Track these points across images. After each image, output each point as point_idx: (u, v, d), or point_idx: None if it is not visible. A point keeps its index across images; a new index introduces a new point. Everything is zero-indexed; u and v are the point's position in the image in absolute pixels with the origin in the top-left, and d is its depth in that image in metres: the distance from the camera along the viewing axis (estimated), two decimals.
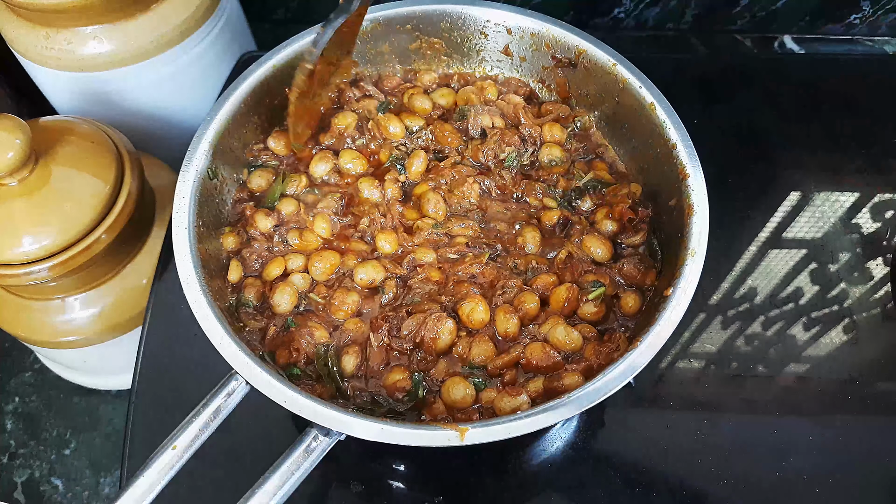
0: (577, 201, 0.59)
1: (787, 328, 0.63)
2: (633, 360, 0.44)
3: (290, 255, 0.55)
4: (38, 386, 0.79)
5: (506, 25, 0.61)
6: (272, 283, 0.54)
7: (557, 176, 0.60)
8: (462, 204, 0.59)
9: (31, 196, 0.58)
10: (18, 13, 0.67)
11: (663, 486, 0.54)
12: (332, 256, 0.55)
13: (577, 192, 0.59)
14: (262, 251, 0.56)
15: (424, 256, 0.55)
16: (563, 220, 0.58)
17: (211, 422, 0.43)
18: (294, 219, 0.57)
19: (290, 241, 0.56)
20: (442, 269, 0.55)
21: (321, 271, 0.55)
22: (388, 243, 0.56)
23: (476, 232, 0.57)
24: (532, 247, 0.56)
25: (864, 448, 0.56)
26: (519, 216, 0.58)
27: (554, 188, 0.59)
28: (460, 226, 0.57)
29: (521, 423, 0.41)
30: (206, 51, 0.73)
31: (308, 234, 0.57)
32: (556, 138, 0.61)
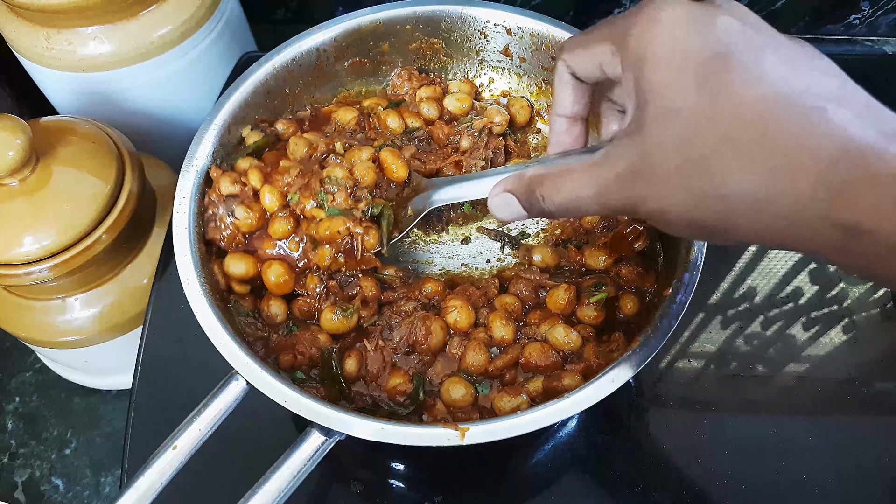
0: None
1: (787, 328, 0.63)
2: (632, 359, 0.44)
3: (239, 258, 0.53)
4: (38, 386, 0.79)
5: (505, 26, 0.61)
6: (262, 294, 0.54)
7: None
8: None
9: (32, 196, 0.58)
10: (19, 13, 0.67)
11: (663, 486, 0.54)
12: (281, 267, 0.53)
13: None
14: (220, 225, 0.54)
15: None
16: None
17: (211, 422, 0.43)
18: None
19: (237, 214, 0.52)
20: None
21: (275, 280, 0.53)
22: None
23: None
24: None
25: (864, 448, 0.56)
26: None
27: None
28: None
29: (520, 423, 0.42)
30: (207, 51, 0.73)
31: (255, 206, 0.54)
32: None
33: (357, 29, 0.61)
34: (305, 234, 0.52)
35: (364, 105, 0.62)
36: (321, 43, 0.60)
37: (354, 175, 0.53)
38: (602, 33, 0.38)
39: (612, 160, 0.35)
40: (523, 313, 0.54)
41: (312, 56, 0.60)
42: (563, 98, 0.44)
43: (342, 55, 0.62)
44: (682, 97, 0.32)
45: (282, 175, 0.52)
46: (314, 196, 0.51)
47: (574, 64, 0.41)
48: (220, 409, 0.43)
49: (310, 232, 0.51)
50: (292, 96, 0.61)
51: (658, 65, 0.33)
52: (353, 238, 0.51)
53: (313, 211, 0.51)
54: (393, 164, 0.54)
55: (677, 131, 0.32)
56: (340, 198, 0.51)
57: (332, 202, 0.51)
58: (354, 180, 0.52)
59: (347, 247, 0.51)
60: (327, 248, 0.51)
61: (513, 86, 0.65)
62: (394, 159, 0.54)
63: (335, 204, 0.51)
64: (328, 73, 0.63)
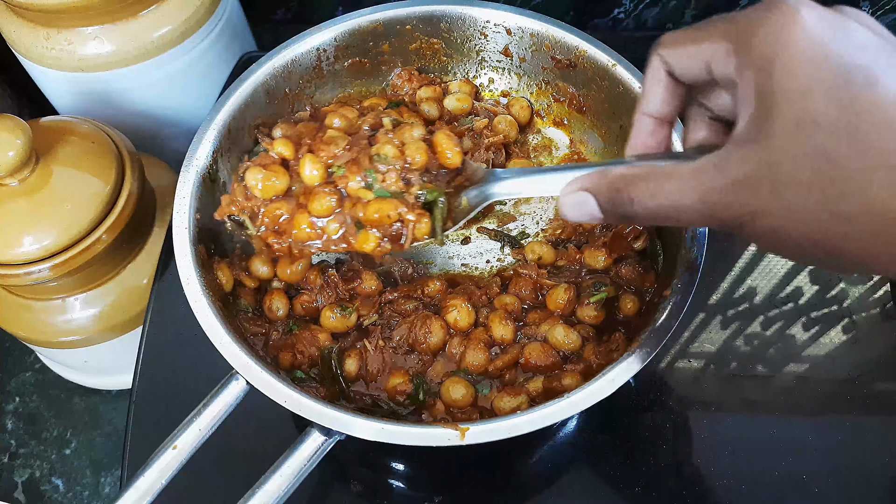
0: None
1: (787, 328, 0.63)
2: (632, 359, 0.44)
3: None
4: (38, 386, 0.79)
5: (505, 26, 0.61)
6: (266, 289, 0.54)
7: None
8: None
9: (32, 196, 0.58)
10: (19, 13, 0.67)
11: (663, 486, 0.54)
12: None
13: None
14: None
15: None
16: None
17: (211, 422, 0.43)
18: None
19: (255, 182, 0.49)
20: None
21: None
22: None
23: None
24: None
25: (863, 447, 0.56)
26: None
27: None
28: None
29: (520, 423, 0.42)
30: (207, 51, 0.73)
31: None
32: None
33: (357, 29, 0.61)
34: (349, 214, 0.47)
35: (364, 105, 0.62)
36: (321, 43, 0.60)
37: (406, 155, 0.47)
38: (716, 29, 0.35)
39: (725, 167, 0.32)
40: (523, 313, 0.54)
41: (312, 56, 0.60)
42: (654, 97, 0.40)
43: (342, 55, 0.62)
44: (821, 107, 0.29)
45: (327, 145, 0.47)
46: (362, 173, 0.46)
47: (674, 60, 0.38)
48: (220, 409, 0.43)
49: (354, 213, 0.46)
50: (292, 96, 0.61)
51: (794, 70, 0.30)
52: (405, 224, 0.46)
53: (359, 191, 0.46)
54: (448, 148, 0.48)
55: (815, 144, 0.29)
56: (391, 179, 0.46)
57: (383, 182, 0.46)
58: (405, 160, 0.47)
59: (395, 233, 0.46)
60: (373, 232, 0.46)
61: (513, 86, 0.65)
62: (449, 143, 0.48)
63: (385, 185, 0.46)
64: (328, 74, 0.63)
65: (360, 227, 0.47)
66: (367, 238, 0.46)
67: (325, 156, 0.47)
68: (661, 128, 0.42)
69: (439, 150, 0.48)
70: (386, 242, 0.46)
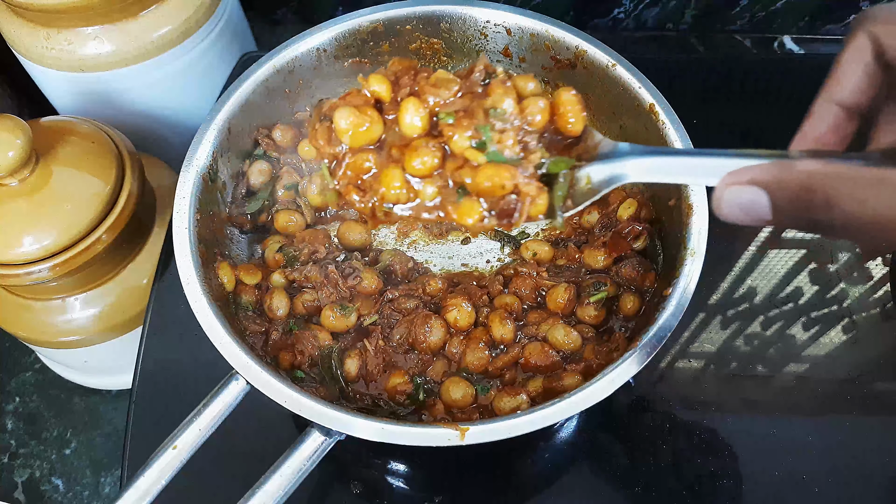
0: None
1: (787, 328, 0.63)
2: (632, 359, 0.44)
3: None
4: (38, 386, 0.79)
5: (505, 26, 0.61)
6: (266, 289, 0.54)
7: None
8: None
9: (32, 196, 0.58)
10: (19, 13, 0.67)
11: (663, 486, 0.54)
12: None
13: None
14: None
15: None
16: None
17: (211, 422, 0.43)
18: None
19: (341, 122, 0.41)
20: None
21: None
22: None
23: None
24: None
25: (863, 447, 0.56)
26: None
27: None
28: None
29: (520, 423, 0.42)
30: (207, 51, 0.73)
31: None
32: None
33: (357, 29, 0.61)
34: (451, 177, 0.39)
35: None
36: (321, 43, 0.60)
37: (527, 113, 0.39)
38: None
39: None
40: (523, 313, 0.54)
41: (312, 56, 0.60)
42: (851, 82, 0.33)
43: (342, 55, 0.62)
44: None
45: (436, 88, 0.39)
46: (475, 129, 0.38)
47: (892, 40, 0.31)
48: (220, 409, 0.43)
49: (460, 177, 0.38)
50: (292, 96, 0.61)
51: None
52: (520, 198, 0.38)
53: (468, 151, 0.38)
54: (572, 110, 0.39)
55: None
56: (509, 140, 0.38)
57: (499, 143, 0.38)
58: (526, 119, 0.39)
59: (505, 207, 0.38)
60: (480, 202, 0.38)
61: None
62: (574, 104, 0.39)
63: (502, 147, 0.38)
64: (328, 73, 0.63)
65: (464, 195, 0.39)
66: (471, 209, 0.39)
67: (432, 101, 0.39)
68: (849, 121, 0.35)
69: (561, 111, 0.40)
70: (492, 217, 0.39)
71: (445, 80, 0.39)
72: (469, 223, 0.39)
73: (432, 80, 0.40)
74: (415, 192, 0.39)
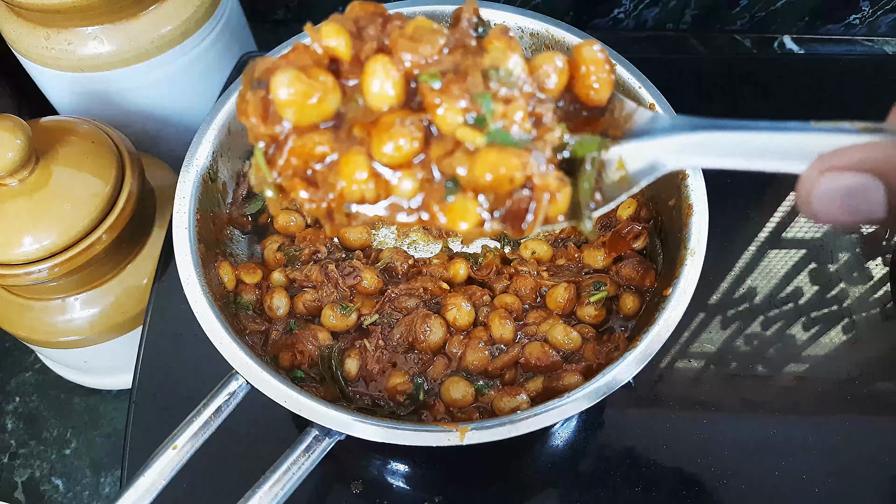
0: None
1: (787, 328, 0.63)
2: (632, 359, 0.44)
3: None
4: (38, 386, 0.79)
5: (504, 25, 0.61)
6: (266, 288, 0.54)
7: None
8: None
9: (32, 196, 0.58)
10: (19, 13, 0.67)
11: (663, 486, 0.54)
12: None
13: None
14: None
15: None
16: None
17: (211, 422, 0.43)
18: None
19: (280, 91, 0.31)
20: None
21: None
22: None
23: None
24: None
25: (863, 448, 0.56)
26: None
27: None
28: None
29: (520, 423, 0.42)
30: (207, 51, 0.73)
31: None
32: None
33: None
34: (438, 166, 0.28)
35: None
36: None
37: (539, 74, 0.29)
38: None
39: None
40: (523, 313, 0.54)
41: None
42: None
43: None
44: None
45: (414, 43, 0.28)
46: (470, 97, 0.27)
47: None
48: (220, 408, 0.43)
49: (449, 166, 0.28)
50: None
51: None
52: (535, 194, 0.28)
53: (462, 129, 0.27)
54: (596, 72, 0.30)
55: None
56: (517, 113, 0.28)
57: (503, 118, 0.28)
58: (539, 84, 0.29)
59: (514, 207, 0.28)
60: (478, 200, 0.28)
61: None
62: (600, 64, 0.30)
63: (508, 123, 0.28)
64: None
65: (456, 190, 0.28)
66: (466, 210, 0.28)
67: (409, 60, 0.28)
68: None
69: (580, 73, 0.30)
70: (495, 220, 0.28)
71: (427, 31, 0.29)
72: (464, 229, 0.28)
73: (409, 29, 0.29)
74: (387, 186, 0.29)
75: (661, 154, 0.30)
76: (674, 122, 0.29)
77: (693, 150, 0.28)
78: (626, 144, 0.30)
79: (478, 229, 0.28)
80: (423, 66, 0.28)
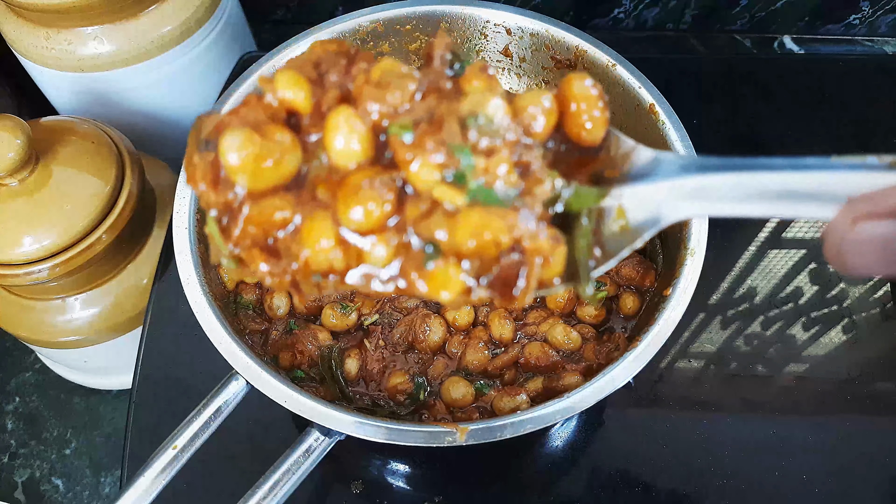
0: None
1: (787, 328, 0.63)
2: (632, 359, 0.44)
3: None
4: (38, 386, 0.79)
5: (505, 26, 0.61)
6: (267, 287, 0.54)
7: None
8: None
9: (32, 196, 0.58)
10: (19, 13, 0.67)
11: (663, 486, 0.54)
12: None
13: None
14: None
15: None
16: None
17: (211, 422, 0.43)
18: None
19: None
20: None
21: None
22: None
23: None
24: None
25: (863, 448, 0.56)
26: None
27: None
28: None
29: (520, 423, 0.41)
30: (207, 51, 0.72)
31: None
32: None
33: (357, 29, 0.61)
34: (415, 230, 0.25)
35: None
36: None
37: (524, 117, 0.26)
38: None
39: None
40: (523, 312, 0.54)
41: None
42: None
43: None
44: None
45: (380, 90, 0.26)
46: (447, 151, 0.24)
47: None
48: (220, 409, 0.43)
49: (427, 230, 0.25)
50: None
51: None
52: (525, 258, 0.25)
53: (440, 189, 0.25)
54: (588, 109, 0.27)
55: None
56: (501, 166, 0.25)
57: (487, 174, 0.25)
58: (524, 127, 0.26)
59: (503, 272, 0.25)
60: (461, 265, 0.25)
61: (513, 86, 0.65)
62: (592, 100, 0.27)
63: (492, 178, 0.25)
64: None
65: (436, 256, 0.25)
66: (448, 278, 0.25)
67: (376, 110, 0.25)
68: None
69: (569, 111, 0.27)
70: (481, 287, 0.25)
71: (396, 75, 0.26)
72: (446, 298, 0.25)
73: (375, 74, 0.26)
74: (358, 254, 0.25)
75: (665, 200, 0.27)
76: (679, 161, 0.27)
77: (702, 196, 0.26)
78: (625, 188, 0.27)
79: (463, 297, 0.25)
80: (393, 115, 0.25)
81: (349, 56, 0.27)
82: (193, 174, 0.26)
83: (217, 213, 0.27)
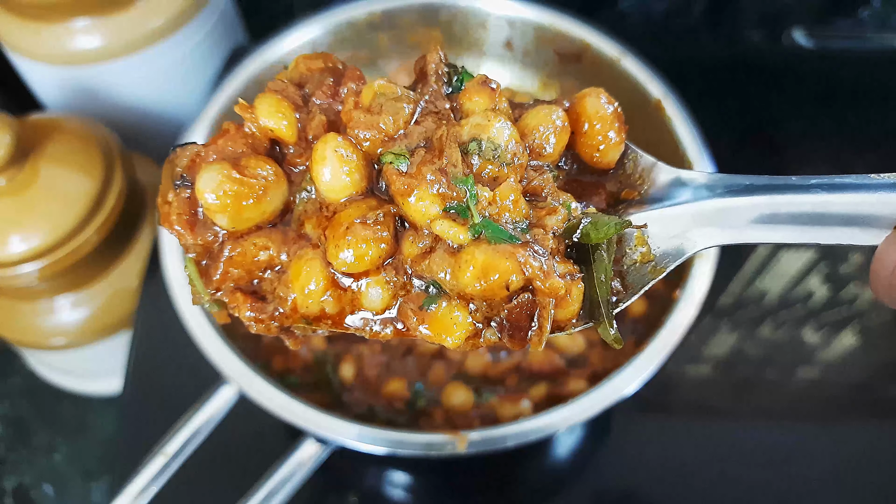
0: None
1: (797, 331, 0.61)
2: (640, 364, 0.42)
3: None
4: (27, 391, 0.78)
5: (507, 18, 0.60)
6: None
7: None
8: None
9: (19, 195, 0.56)
10: (7, 6, 0.66)
11: (671, 492, 0.53)
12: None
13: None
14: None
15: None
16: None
17: (202, 428, 0.42)
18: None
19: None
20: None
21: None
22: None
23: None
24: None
25: (873, 452, 0.55)
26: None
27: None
28: None
29: (522, 431, 0.40)
30: (198, 44, 0.71)
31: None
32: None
33: (352, 21, 0.59)
34: (415, 271, 0.23)
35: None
36: (315, 36, 0.59)
37: (533, 138, 0.24)
38: None
39: None
40: None
41: (306, 49, 0.59)
42: None
43: (337, 48, 0.60)
44: None
45: (372, 116, 0.23)
46: (448, 182, 0.22)
47: None
48: (212, 414, 0.42)
49: (428, 270, 0.23)
50: None
51: None
52: (538, 298, 0.22)
53: (440, 224, 0.22)
54: (602, 130, 0.25)
55: None
56: (510, 195, 0.22)
57: (491, 206, 0.22)
58: (533, 150, 0.24)
59: (514, 316, 0.22)
60: (467, 307, 0.23)
61: (515, 80, 0.64)
62: (606, 121, 0.25)
63: (499, 212, 0.22)
64: None
65: (439, 297, 0.23)
66: (449, 322, 0.23)
67: (368, 137, 0.23)
68: None
69: (581, 130, 0.25)
70: (490, 333, 0.23)
71: (388, 97, 0.23)
72: (451, 344, 0.23)
73: (366, 97, 0.23)
74: (352, 299, 0.23)
75: (690, 226, 0.23)
76: (704, 181, 0.23)
77: (729, 221, 0.22)
78: (645, 213, 0.24)
79: (470, 342, 0.23)
80: (387, 143, 0.23)
81: (336, 73, 0.25)
82: (168, 215, 0.24)
83: (194, 257, 0.24)
